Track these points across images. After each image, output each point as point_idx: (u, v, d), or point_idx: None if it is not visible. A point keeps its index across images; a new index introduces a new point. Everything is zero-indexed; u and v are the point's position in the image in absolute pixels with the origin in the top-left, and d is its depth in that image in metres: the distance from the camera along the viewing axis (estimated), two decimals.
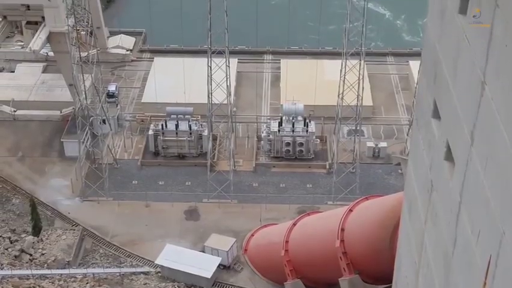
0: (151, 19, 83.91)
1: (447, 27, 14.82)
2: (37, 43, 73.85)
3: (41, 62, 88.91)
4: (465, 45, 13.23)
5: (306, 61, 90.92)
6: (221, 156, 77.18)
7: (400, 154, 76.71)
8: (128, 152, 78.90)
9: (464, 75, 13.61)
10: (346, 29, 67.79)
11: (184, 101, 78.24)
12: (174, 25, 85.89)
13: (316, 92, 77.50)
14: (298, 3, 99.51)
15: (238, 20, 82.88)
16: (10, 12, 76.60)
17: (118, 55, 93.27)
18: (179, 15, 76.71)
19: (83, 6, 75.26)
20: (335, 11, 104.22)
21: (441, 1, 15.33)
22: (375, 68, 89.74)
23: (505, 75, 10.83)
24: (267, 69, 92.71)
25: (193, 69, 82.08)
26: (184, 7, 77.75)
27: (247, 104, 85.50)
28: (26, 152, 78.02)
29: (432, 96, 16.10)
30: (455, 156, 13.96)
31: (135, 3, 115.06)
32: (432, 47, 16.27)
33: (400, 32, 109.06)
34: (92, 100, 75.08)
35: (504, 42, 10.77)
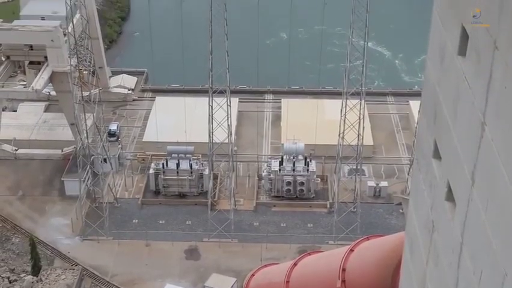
0: (153, 59, 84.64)
1: (446, 68, 14.96)
2: (39, 83, 74.38)
3: (43, 101, 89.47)
4: (465, 87, 13.35)
5: (307, 100, 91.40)
6: (222, 195, 77.07)
7: (401, 194, 76.60)
8: (129, 190, 78.83)
9: (464, 116, 13.70)
10: (346, 68, 68.31)
11: (185, 140, 78.43)
12: (176, 65, 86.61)
13: (317, 132, 77.75)
14: (298, 43, 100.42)
15: (239, 60, 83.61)
16: (13, 52, 77.33)
17: (120, 94, 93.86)
18: (180, 55, 77.39)
19: (85, 46, 76.09)
20: (332, 49, 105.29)
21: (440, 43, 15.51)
22: (375, 108, 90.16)
23: (504, 116, 10.93)
24: (268, 109, 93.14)
25: (194, 109, 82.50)
26: (186, 47, 78.50)
27: (248, 143, 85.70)
28: (26, 191, 77.95)
29: (433, 136, 16.19)
30: (456, 197, 13.98)
31: (137, 43, 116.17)
32: (432, 88, 16.40)
33: (400, 72, 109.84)
34: (94, 139, 75.31)
35: (503, 84, 10.90)
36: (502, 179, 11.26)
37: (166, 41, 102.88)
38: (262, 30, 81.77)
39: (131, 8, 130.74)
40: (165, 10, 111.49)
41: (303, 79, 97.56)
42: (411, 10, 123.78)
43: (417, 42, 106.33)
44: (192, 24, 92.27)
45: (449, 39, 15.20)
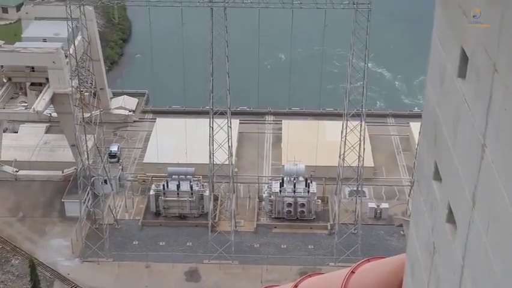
0: (154, 80, 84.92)
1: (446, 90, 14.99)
2: (41, 104, 74.59)
3: (44, 122, 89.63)
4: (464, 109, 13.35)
5: (307, 122, 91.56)
6: (222, 216, 76.93)
7: (402, 215, 76.45)
8: (129, 212, 78.70)
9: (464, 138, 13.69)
10: (347, 90, 68.51)
11: (186, 162, 78.47)
12: (177, 86, 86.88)
13: (317, 153, 77.76)
14: (298, 64, 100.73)
15: (239, 81, 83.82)
16: (15, 74, 77.64)
17: (121, 116, 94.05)
18: (181, 77, 77.66)
19: (87, 68, 76.40)
20: (332, 70, 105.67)
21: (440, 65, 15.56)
22: (376, 129, 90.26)
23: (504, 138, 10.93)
24: (269, 130, 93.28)
25: (195, 130, 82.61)
26: (187, 69, 78.76)
27: (249, 164, 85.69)
28: (26, 213, 77.82)
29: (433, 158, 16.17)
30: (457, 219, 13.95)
31: (138, 65, 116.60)
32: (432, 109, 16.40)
33: (400, 93, 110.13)
34: (94, 160, 75.33)
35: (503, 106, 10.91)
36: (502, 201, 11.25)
37: (167, 62, 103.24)
38: (261, 51, 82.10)
39: (132, 30, 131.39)
40: (166, 32, 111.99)
41: (303, 100, 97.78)
42: (411, 32, 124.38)
43: (416, 64, 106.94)
44: (193, 46, 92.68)
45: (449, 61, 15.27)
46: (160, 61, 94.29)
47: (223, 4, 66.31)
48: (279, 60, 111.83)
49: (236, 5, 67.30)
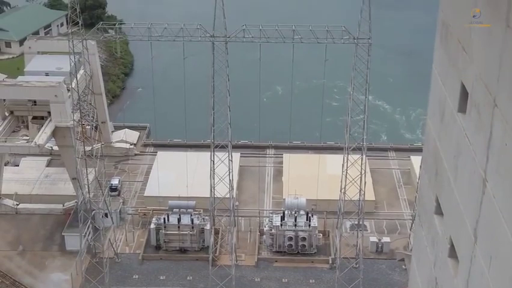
0: (155, 114, 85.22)
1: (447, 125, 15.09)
2: (42, 137, 74.73)
3: (45, 156, 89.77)
4: (465, 143, 13.44)
5: (308, 155, 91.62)
6: (223, 250, 76.54)
7: (404, 249, 76.04)
8: (130, 245, 78.33)
9: (465, 172, 13.75)
10: (347, 124, 68.66)
11: (187, 195, 78.37)
12: (178, 120, 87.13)
13: (318, 186, 77.68)
14: (298, 97, 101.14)
15: (241, 115, 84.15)
16: (17, 108, 77.92)
17: (122, 149, 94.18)
18: (183, 111, 77.94)
19: (89, 101, 76.70)
20: (332, 103, 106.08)
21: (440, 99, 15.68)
22: (377, 163, 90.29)
23: (505, 173, 10.98)
24: (270, 164, 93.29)
25: (196, 164, 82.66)
26: (188, 102, 79.07)
27: (250, 198, 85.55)
28: (27, 246, 77.47)
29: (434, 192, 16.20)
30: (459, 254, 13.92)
31: (140, 98, 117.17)
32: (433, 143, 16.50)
33: (400, 126, 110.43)
34: (95, 194, 75.23)
35: (504, 141, 10.99)
36: (504, 236, 11.25)
37: (168, 96, 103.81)
38: (262, 85, 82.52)
39: (134, 64, 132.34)
40: (168, 66, 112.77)
41: (304, 134, 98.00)
42: (410, 65, 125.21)
43: (415, 96, 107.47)
44: (194, 79, 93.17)
45: (449, 96, 15.39)
46: (162, 95, 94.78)
47: (224, 38, 66.79)
48: (279, 93, 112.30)
49: (237, 40, 67.75)
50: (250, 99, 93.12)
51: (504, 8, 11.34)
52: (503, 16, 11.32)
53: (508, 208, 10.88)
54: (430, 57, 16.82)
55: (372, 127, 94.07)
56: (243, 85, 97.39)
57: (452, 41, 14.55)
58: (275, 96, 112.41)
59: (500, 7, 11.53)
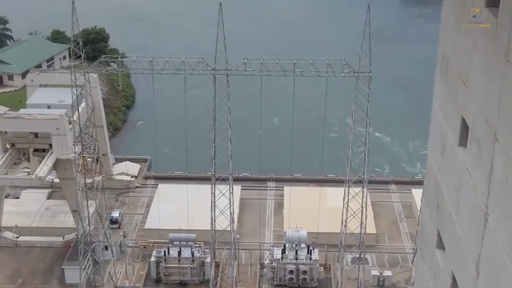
0: (157, 146, 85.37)
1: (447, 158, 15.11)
2: (43, 170, 74.74)
3: (46, 188, 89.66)
4: (466, 177, 13.45)
5: (309, 188, 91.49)
6: (224, 283, 75.98)
7: (405, 283, 75.50)
8: (130, 279, 77.81)
9: (466, 206, 13.73)
10: (348, 157, 68.71)
11: (187, 228, 78.10)
12: (179, 152, 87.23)
13: (319, 219, 77.44)
14: (300, 130, 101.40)
15: (241, 147, 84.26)
16: (19, 140, 78.08)
17: (123, 181, 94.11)
18: (184, 143, 78.11)
19: (90, 134, 76.89)
20: (332, 134, 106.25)
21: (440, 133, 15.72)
22: (378, 196, 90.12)
23: (507, 207, 10.98)
24: (270, 196, 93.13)
25: (197, 196, 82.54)
26: (189, 135, 79.31)
27: (251, 231, 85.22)
28: (26, 279, 76.96)
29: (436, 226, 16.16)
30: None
31: (141, 131, 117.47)
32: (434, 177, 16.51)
33: (400, 159, 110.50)
34: (95, 226, 74.99)
35: (505, 176, 11.00)
36: (506, 271, 11.20)
37: (169, 128, 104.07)
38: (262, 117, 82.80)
39: (136, 97, 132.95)
40: (169, 98, 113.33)
41: (305, 166, 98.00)
42: (409, 97, 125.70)
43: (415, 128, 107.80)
44: (195, 112, 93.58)
45: (450, 130, 15.45)
46: (163, 127, 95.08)
47: (225, 72, 67.22)
48: (279, 125, 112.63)
49: (239, 73, 68.17)
50: (251, 131, 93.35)
51: (504, 43, 11.45)
52: (503, 50, 11.42)
53: (510, 243, 10.85)
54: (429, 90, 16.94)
55: (373, 159, 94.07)
56: (243, 117, 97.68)
57: (452, 75, 14.65)
58: (276, 128, 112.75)
59: (499, 41, 11.64)
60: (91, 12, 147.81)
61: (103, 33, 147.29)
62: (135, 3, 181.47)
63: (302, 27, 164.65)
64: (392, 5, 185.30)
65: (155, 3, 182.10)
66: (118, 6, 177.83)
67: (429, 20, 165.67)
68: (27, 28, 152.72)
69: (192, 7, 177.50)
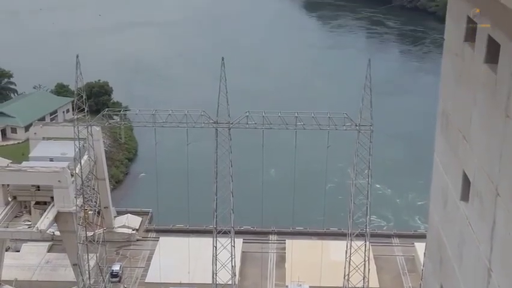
0: (158, 199, 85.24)
1: (450, 212, 15.12)
2: (44, 223, 74.47)
3: (46, 241, 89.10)
4: (469, 231, 13.45)
5: (311, 242, 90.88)
6: None
7: None
8: None
9: (469, 261, 13.69)
10: (350, 210, 68.51)
11: (188, 281, 77.31)
12: (181, 205, 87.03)
13: (321, 273, 76.68)
14: (301, 183, 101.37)
15: (243, 200, 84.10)
16: (20, 193, 77.99)
17: (124, 234, 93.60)
18: (186, 196, 78.01)
19: (92, 187, 76.89)
20: (333, 186, 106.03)
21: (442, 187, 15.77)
22: (380, 250, 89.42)
23: (510, 263, 10.95)
24: (272, 250, 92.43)
25: (198, 249, 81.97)
26: (191, 187, 79.29)
27: (252, 284, 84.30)
28: None
29: (439, 281, 16.07)
30: None
31: (143, 183, 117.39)
32: (436, 231, 16.48)
33: (402, 212, 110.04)
34: (96, 280, 74.27)
35: (507, 231, 11.01)
36: None
37: (171, 181, 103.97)
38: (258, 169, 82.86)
39: (138, 149, 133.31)
40: (171, 151, 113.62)
41: (306, 219, 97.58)
42: (409, 149, 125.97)
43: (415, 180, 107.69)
44: (197, 165, 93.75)
45: (451, 184, 15.48)
46: (165, 180, 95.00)
47: (227, 125, 67.62)
48: (282, 178, 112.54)
49: (240, 126, 68.58)
50: (252, 183, 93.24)
51: (503, 98, 11.61)
52: (503, 106, 11.57)
53: None
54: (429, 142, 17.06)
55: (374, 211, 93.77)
56: (245, 169, 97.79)
57: (452, 130, 14.78)
58: (277, 180, 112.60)
59: (499, 97, 11.80)
60: (95, 66, 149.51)
61: (106, 87, 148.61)
62: (139, 56, 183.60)
63: (303, 80, 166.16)
64: (392, 59, 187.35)
65: (159, 56, 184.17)
66: (122, 60, 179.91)
67: (429, 73, 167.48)
68: (31, 82, 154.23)
69: (195, 60, 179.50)
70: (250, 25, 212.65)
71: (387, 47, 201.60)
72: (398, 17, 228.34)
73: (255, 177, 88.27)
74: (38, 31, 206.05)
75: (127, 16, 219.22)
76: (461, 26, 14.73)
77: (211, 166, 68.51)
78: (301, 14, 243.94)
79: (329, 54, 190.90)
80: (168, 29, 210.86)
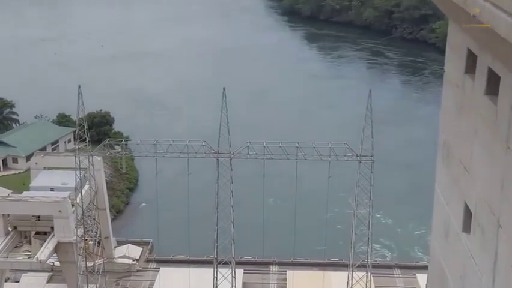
0: (159, 229, 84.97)
1: (452, 244, 15.07)
2: (44, 253, 74.15)
3: (46, 271, 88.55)
4: (471, 263, 13.39)
5: (313, 272, 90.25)
6: None
7: None
8: None
9: None
10: (352, 241, 68.25)
11: None
12: (181, 235, 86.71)
13: None
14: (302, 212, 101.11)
15: (244, 230, 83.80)
16: (21, 223, 77.80)
17: (124, 265, 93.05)
18: (186, 226, 77.78)
19: (92, 216, 76.76)
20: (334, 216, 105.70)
21: (444, 219, 15.74)
22: (382, 281, 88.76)
23: None
24: (273, 280, 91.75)
25: (199, 280, 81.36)
26: (192, 217, 79.13)
27: None
28: None
29: None
30: None
31: (144, 213, 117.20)
32: (438, 263, 16.41)
33: (404, 243, 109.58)
34: None
35: (510, 262, 10.96)
36: None
37: (172, 211, 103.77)
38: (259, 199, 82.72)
39: (139, 179, 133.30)
40: (172, 181, 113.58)
41: (308, 249, 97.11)
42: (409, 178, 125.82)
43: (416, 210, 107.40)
44: (198, 194, 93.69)
45: (453, 216, 15.44)
46: (165, 210, 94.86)
47: (228, 155, 67.70)
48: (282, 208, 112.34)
49: (241, 156, 68.65)
50: (253, 213, 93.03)
51: (504, 130, 11.65)
52: (504, 138, 11.60)
53: None
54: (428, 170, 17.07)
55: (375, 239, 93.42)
56: (246, 199, 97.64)
57: (453, 161, 14.80)
58: (278, 210, 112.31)
59: (500, 129, 11.83)
60: (97, 96, 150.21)
61: (108, 117, 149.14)
62: (140, 86, 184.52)
63: (304, 110, 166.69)
64: (392, 89, 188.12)
65: (160, 86, 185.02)
66: (124, 90, 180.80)
67: (428, 103, 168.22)
68: (33, 111, 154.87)
69: (196, 90, 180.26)
70: (251, 56, 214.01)
71: (387, 77, 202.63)
72: (398, 48, 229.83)
73: (255, 207, 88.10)
74: (40, 61, 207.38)
75: (128, 46, 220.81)
76: (461, 57, 14.84)
77: (212, 196, 68.46)
78: (302, 45, 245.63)
79: (330, 84, 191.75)
80: (169, 59, 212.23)
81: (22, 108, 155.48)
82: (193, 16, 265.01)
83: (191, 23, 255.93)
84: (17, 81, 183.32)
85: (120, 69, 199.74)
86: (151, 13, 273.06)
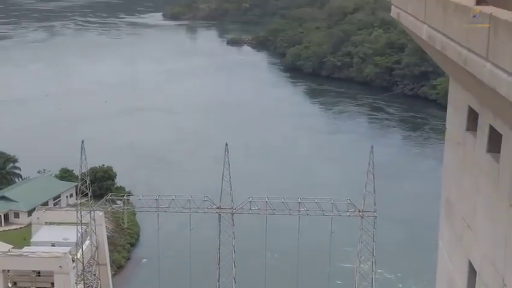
0: (160, 285, 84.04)
1: None
2: None
3: None
4: None
5: None
6: None
7: None
8: None
9: None
10: None
11: None
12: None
13: None
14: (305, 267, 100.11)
15: (246, 286, 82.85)
16: (21, 279, 77.15)
17: None
18: (188, 281, 76.93)
19: (93, 272, 76.04)
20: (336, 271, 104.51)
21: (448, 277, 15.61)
22: None
23: None
24: None
25: None
26: (193, 272, 78.36)
27: None
28: None
29: None
30: None
31: (145, 269, 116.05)
32: None
33: None
34: None
35: None
36: None
37: (173, 266, 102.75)
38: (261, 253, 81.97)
39: (140, 234, 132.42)
40: (174, 236, 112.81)
41: None
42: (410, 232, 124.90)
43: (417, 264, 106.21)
44: (200, 250, 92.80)
45: (457, 274, 15.34)
46: (167, 265, 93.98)
47: (230, 210, 67.54)
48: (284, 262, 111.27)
49: (244, 211, 68.49)
50: (255, 268, 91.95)
51: (506, 188, 11.68)
52: (506, 195, 11.62)
53: None
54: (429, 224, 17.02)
55: None
56: (247, 253, 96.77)
57: (456, 218, 14.78)
58: (280, 265, 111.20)
59: (502, 186, 11.87)
60: (100, 151, 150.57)
61: (110, 172, 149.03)
62: (143, 141, 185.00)
63: (306, 165, 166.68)
64: (393, 144, 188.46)
65: (163, 141, 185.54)
66: (127, 145, 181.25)
67: (428, 158, 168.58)
68: (36, 166, 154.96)
69: (198, 146, 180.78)
70: (253, 112, 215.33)
71: (388, 133, 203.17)
72: (398, 104, 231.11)
73: (257, 261, 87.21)
74: (44, 117, 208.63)
75: (131, 102, 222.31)
76: (463, 115, 14.96)
77: (214, 251, 67.98)
78: (304, 101, 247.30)
79: (331, 139, 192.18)
80: (171, 115, 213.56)
81: (25, 163, 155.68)
82: (197, 72, 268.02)
83: (194, 77, 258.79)
84: (21, 136, 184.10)
85: (123, 124, 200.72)
86: (154, 67, 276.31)
